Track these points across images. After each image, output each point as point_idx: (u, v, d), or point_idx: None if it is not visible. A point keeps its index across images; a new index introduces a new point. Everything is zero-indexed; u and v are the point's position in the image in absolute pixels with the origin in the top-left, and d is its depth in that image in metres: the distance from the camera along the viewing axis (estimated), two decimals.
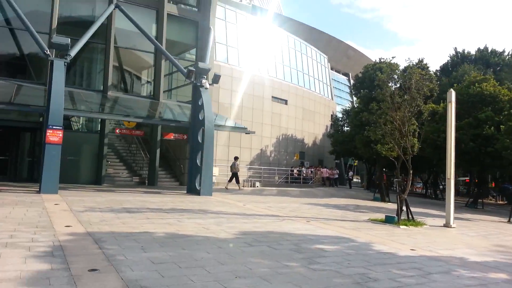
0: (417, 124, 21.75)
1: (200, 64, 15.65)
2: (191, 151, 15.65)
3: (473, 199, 23.29)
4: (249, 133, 19.74)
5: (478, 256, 7.45)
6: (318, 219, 10.87)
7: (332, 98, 43.09)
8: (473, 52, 47.70)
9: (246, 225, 8.74)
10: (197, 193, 14.73)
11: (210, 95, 21.76)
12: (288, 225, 9.23)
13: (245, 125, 27.81)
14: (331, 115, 39.90)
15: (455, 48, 49.74)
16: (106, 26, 18.21)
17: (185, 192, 15.72)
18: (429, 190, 35.93)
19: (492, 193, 39.72)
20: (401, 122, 11.01)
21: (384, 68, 23.54)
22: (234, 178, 20.89)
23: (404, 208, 11.26)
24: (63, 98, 12.70)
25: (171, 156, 21.90)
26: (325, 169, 34.38)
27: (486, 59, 46.09)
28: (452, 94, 11.70)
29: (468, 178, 32.41)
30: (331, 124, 38.14)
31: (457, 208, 21.66)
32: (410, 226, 10.57)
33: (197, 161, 14.92)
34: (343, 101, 60.00)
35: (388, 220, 10.83)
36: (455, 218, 14.25)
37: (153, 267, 5.02)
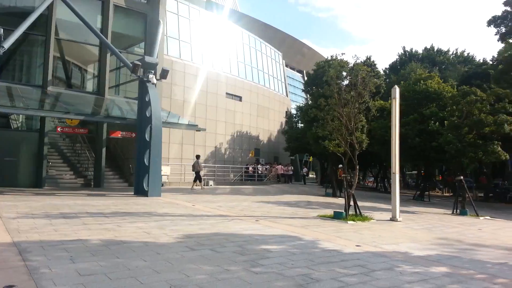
0: (365, 120, 22.32)
1: (147, 58, 15.02)
2: (138, 150, 14.98)
3: (419, 192, 24.24)
4: (199, 130, 19.31)
5: (421, 250, 7.57)
6: (267, 217, 10.71)
7: (286, 95, 43.38)
8: (420, 51, 49.88)
9: (191, 228, 8.39)
10: (145, 194, 14.13)
11: (160, 91, 21.14)
12: (236, 226, 8.98)
13: (199, 122, 27.27)
14: (286, 112, 40.15)
15: (403, 47, 51.84)
16: (47, 17, 17.05)
17: (133, 193, 15.04)
18: (379, 184, 37.24)
19: (439, 185, 41.80)
20: (348, 118, 11.07)
21: (334, 65, 23.91)
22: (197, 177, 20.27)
23: (352, 203, 11.37)
24: None
25: (119, 156, 21.00)
26: (280, 165, 34.54)
27: (432, 58, 48.34)
28: (397, 91, 11.94)
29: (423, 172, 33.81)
30: (285, 120, 38.36)
31: (405, 201, 22.55)
32: (358, 221, 10.67)
33: (145, 160, 14.31)
34: (297, 98, 60.67)
35: (337, 216, 10.88)
36: (402, 212, 14.67)
37: (79, 280, 4.58)
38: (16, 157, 16.10)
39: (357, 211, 11.32)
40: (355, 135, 11.10)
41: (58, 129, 17.57)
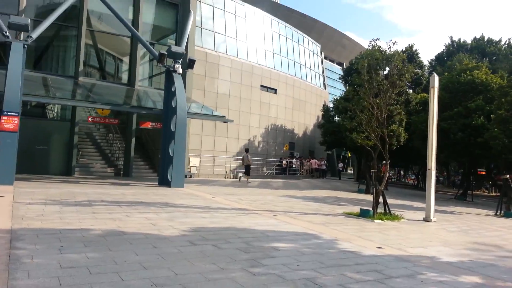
0: (404, 113, 21.02)
1: (173, 48, 14.77)
2: (164, 141, 14.81)
3: (462, 191, 22.63)
4: (227, 122, 18.92)
5: (452, 255, 6.73)
6: (288, 212, 10.13)
7: (324, 87, 42.19)
8: (469, 41, 46.77)
9: (202, 220, 7.98)
10: (169, 184, 13.94)
11: (191, 83, 20.98)
12: (251, 220, 8.48)
13: (232, 114, 27.00)
14: (323, 105, 39.05)
15: (451, 37, 48.84)
16: (79, 9, 17.27)
17: (157, 183, 14.92)
18: (420, 182, 35.41)
19: (486, 184, 39.17)
20: (379, 109, 10.21)
21: (367, 53, 22.68)
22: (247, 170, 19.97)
23: (381, 200, 10.54)
24: (20, 83, 11.80)
25: (150, 146, 21.09)
26: (314, 160, 33.64)
27: (482, 48, 45.15)
28: (435, 79, 10.88)
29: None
30: (322, 114, 37.30)
31: (445, 200, 21.11)
32: (386, 221, 9.85)
33: (170, 151, 14.12)
34: (336, 91, 59.05)
35: (363, 214, 10.11)
36: (439, 212, 13.59)
37: (57, 272, 4.25)
38: (47, 146, 16.44)
39: (387, 209, 10.48)
40: (385, 127, 10.22)
41: (89, 119, 17.82)
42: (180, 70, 14.55)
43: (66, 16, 16.81)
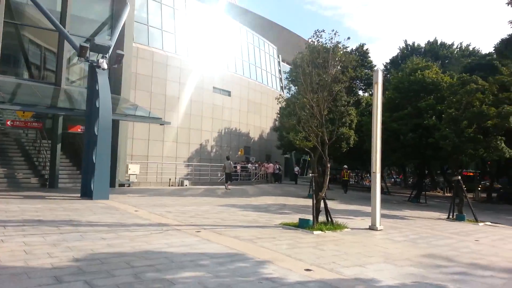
0: (354, 114, 20.35)
1: (97, 40, 13.12)
2: (86, 146, 13.04)
3: (416, 193, 22.18)
4: (163, 124, 17.32)
5: (395, 276, 5.65)
6: (216, 227, 8.78)
7: (282, 90, 41.31)
8: (423, 44, 47.57)
9: (98, 244, 6.48)
10: (91, 196, 12.22)
11: (130, 82, 19.29)
12: (163, 240, 7.06)
13: (182, 118, 25.39)
14: (280, 108, 38.06)
15: (405, 40, 49.31)
16: None
17: (80, 196, 13.08)
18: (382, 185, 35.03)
19: (441, 185, 39.57)
20: (318, 106, 9.10)
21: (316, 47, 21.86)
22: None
23: (323, 208, 9.41)
24: None
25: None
26: (271, 164, 32.49)
27: (436, 52, 46.04)
28: (379, 74, 9.95)
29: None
30: (277, 116, 36.31)
31: (399, 203, 20.46)
32: (327, 231, 8.73)
33: (94, 157, 12.41)
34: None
35: (302, 224, 8.94)
36: (388, 217, 12.69)
37: None
38: None
39: (329, 218, 9.37)
40: (324, 126, 9.10)
41: (8, 122, 15.72)
42: (105, 66, 12.87)
43: None
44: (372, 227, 9.64)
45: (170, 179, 21.83)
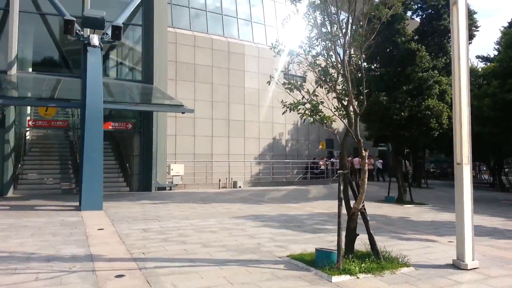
0: (445, 82, 14.94)
1: (87, 12, 10.65)
2: (82, 143, 10.63)
3: None
4: (184, 113, 14.22)
5: None
6: (173, 262, 5.37)
7: None
8: None
9: None
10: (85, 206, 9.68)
11: (166, 68, 16.79)
12: None
13: (250, 109, 22.40)
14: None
15: None
16: None
17: (79, 204, 10.66)
18: (497, 180, 27.27)
19: None
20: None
21: None
22: None
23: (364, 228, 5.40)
24: None
25: (121, 152, 17.24)
26: (357, 159, 27.25)
27: None
28: None
29: None
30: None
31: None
32: (361, 274, 4.75)
33: (82, 156, 9.91)
34: None
35: (319, 260, 5.08)
36: (499, 234, 7.80)
37: None
38: None
39: (374, 247, 5.34)
40: (350, 86, 5.10)
41: (30, 123, 14.27)
42: (96, 42, 10.31)
43: None
44: (458, 263, 5.31)
45: (220, 180, 18.93)
